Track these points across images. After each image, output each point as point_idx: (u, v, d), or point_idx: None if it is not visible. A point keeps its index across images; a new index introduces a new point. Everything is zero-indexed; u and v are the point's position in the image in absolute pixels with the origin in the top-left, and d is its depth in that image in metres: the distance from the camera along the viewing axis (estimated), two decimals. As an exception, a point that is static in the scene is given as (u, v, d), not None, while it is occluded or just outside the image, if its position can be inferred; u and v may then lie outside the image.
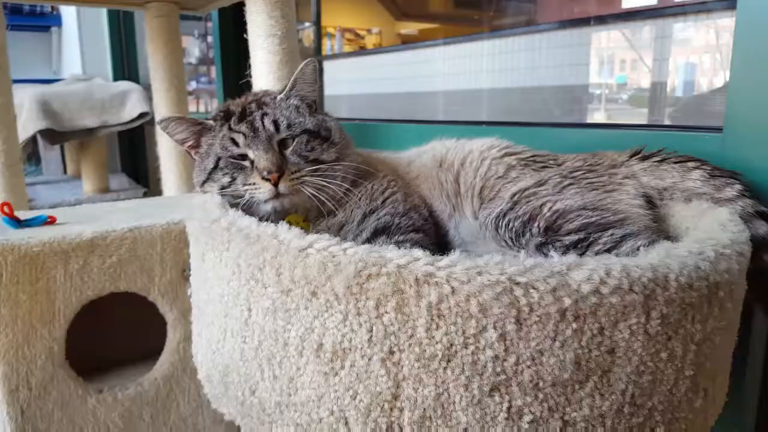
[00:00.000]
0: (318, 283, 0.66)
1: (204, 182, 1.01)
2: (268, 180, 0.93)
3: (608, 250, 0.89)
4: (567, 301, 0.61)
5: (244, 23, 2.72)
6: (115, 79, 3.63)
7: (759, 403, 1.13)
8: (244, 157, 0.97)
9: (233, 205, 0.92)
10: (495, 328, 0.61)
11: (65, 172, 3.78)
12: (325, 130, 1.01)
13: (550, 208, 0.94)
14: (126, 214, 1.43)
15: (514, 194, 0.98)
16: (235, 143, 0.97)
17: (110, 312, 1.41)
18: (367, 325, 0.64)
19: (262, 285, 0.71)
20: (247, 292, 0.73)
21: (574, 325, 0.62)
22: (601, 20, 2.23)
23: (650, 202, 1.02)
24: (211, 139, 1.01)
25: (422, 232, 0.97)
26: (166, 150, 2.36)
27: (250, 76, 1.81)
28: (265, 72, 1.72)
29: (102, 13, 3.67)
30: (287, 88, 1.03)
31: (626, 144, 1.16)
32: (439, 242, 1.02)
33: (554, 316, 0.62)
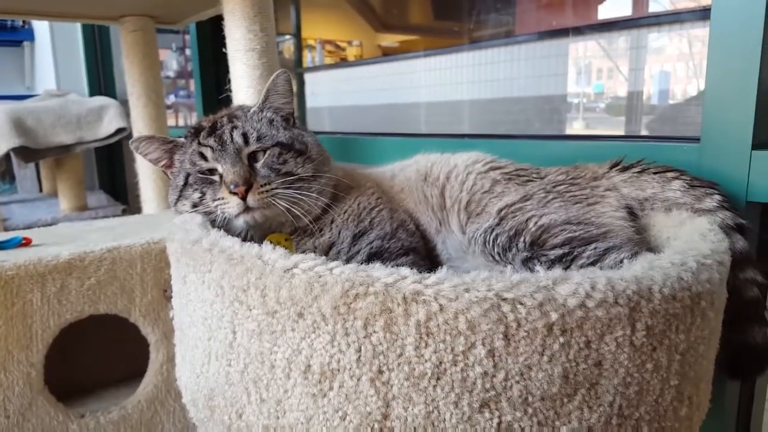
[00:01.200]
0: (304, 304, 0.65)
1: (177, 201, 1.00)
2: (235, 194, 0.91)
3: (592, 264, 0.89)
4: (554, 316, 0.61)
5: (223, 37, 2.72)
6: (91, 94, 3.58)
7: (738, 405, 1.15)
8: (213, 171, 0.96)
9: (214, 225, 0.92)
10: (483, 344, 0.61)
11: (41, 190, 3.71)
12: (300, 144, 1.00)
13: (536, 223, 0.95)
14: (104, 234, 1.41)
15: (501, 209, 0.99)
16: (204, 157, 0.96)
17: (89, 333, 1.39)
18: (356, 345, 0.64)
19: (247, 307, 0.70)
20: (231, 314, 0.72)
21: (561, 339, 0.62)
22: (579, 31, 2.26)
23: (632, 213, 1.04)
24: (182, 156, 1.00)
25: (411, 252, 0.96)
26: (145, 166, 2.33)
27: (230, 91, 1.80)
28: (244, 86, 1.71)
29: (76, 27, 3.63)
30: (260, 101, 1.03)
31: (606, 155, 1.17)
32: (427, 256, 1.02)
33: (541, 331, 0.62)
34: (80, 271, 1.22)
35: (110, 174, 3.92)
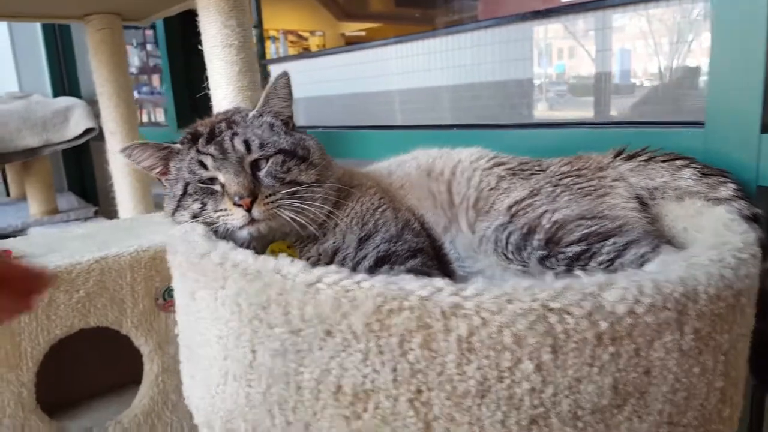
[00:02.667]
0: (333, 321, 0.61)
1: (174, 211, 0.94)
2: (240, 205, 0.86)
3: (612, 260, 0.86)
4: (603, 325, 0.58)
5: (192, 32, 2.62)
6: (55, 94, 3.45)
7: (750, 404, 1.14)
8: (213, 180, 0.90)
9: (216, 235, 0.86)
10: (531, 358, 0.57)
11: (8, 194, 3.57)
12: (303, 150, 0.95)
13: (549, 219, 0.92)
14: (85, 242, 1.34)
15: (511, 206, 0.95)
16: (204, 166, 0.90)
17: (75, 345, 1.32)
18: (391, 363, 0.59)
19: (268, 325, 0.65)
20: (251, 333, 0.67)
21: (611, 349, 0.59)
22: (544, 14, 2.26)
23: (642, 203, 1.01)
24: (178, 164, 0.94)
25: (419, 253, 0.92)
26: (120, 168, 2.25)
27: (208, 88, 1.73)
28: (223, 83, 1.65)
29: (36, 26, 3.49)
30: (259, 105, 0.97)
31: (605, 143, 1.15)
32: (435, 255, 0.98)
33: (591, 341, 0.58)
34: (68, 283, 1.15)
35: (79, 175, 3.79)
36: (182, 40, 2.59)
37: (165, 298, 1.28)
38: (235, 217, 0.86)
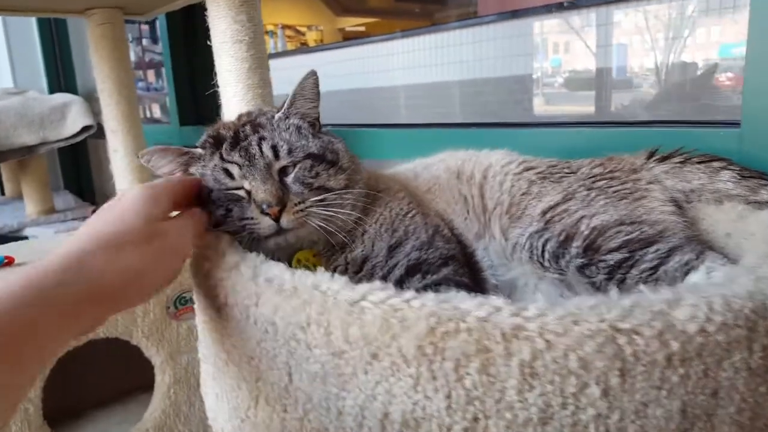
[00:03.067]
0: (380, 344, 0.56)
1: None
2: (267, 214, 0.81)
3: (655, 268, 0.83)
4: (674, 345, 0.54)
5: (194, 26, 2.57)
6: (51, 91, 3.38)
7: None
8: (239, 187, 0.85)
9: (241, 243, 0.81)
10: (597, 383, 0.53)
11: (3, 193, 3.50)
12: (332, 153, 0.90)
13: (588, 225, 0.88)
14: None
15: (545, 212, 0.91)
16: (230, 175, 0.85)
17: (81, 355, 1.27)
18: (445, 390, 0.55)
19: (306, 346, 0.61)
20: (287, 354, 0.63)
21: (681, 371, 0.55)
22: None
23: (678, 206, 0.97)
24: (201, 169, 0.88)
25: (451, 261, 0.88)
26: (122, 167, 2.19)
27: (216, 85, 1.68)
28: (232, 81, 1.59)
29: (31, 21, 3.41)
30: (285, 106, 0.91)
31: (633, 143, 1.11)
32: (466, 263, 0.93)
33: (661, 363, 0.54)
34: (75, 293, 1.10)
35: (75, 173, 3.72)
36: (184, 36, 2.53)
37: (176, 307, 1.24)
38: (262, 226, 0.81)
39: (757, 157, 1.03)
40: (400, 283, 0.84)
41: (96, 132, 2.80)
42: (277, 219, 0.80)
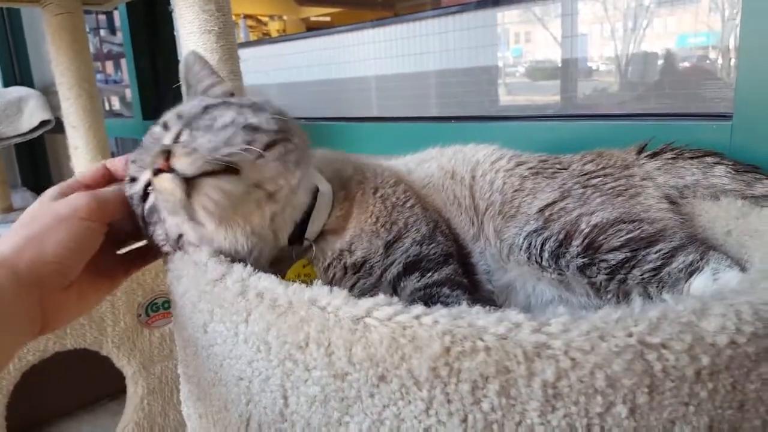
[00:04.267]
0: (388, 365, 0.52)
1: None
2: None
3: (658, 269, 0.80)
4: (705, 360, 0.50)
5: (156, 16, 2.46)
6: (6, 84, 3.22)
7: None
8: None
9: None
10: (624, 402, 0.49)
11: (-44, 192, 3.34)
12: None
13: (588, 222, 0.84)
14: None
15: (542, 209, 0.87)
16: None
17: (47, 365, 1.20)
18: (460, 413, 0.50)
19: (305, 367, 0.56)
20: (282, 376, 0.57)
21: (710, 385, 0.51)
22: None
23: (672, 203, 0.95)
24: None
25: (452, 259, 0.83)
26: (83, 165, 2.09)
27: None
28: (201, 73, 1.52)
29: (-18, 12, 3.25)
30: None
31: (622, 137, 1.08)
32: (461, 263, 0.88)
33: (690, 378, 0.50)
34: (39, 304, 1.02)
35: (33, 170, 3.58)
36: (146, 25, 2.43)
37: (148, 314, 1.17)
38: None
39: (750, 149, 1.02)
40: (396, 282, 0.79)
41: (54, 127, 2.67)
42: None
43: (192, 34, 1.49)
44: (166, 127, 0.77)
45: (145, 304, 1.15)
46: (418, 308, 0.53)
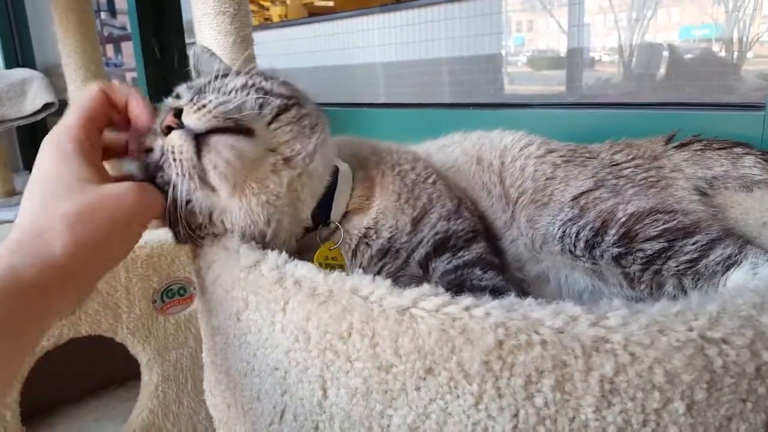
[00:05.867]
0: (437, 358, 0.50)
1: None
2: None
3: (695, 260, 0.78)
4: (766, 356, 0.48)
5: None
6: (8, 66, 3.18)
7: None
8: None
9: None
10: (683, 398, 0.48)
11: (-42, 175, 3.31)
12: None
13: (624, 211, 0.82)
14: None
15: (576, 198, 0.85)
16: None
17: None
18: (512, 408, 0.49)
19: (347, 358, 0.54)
20: (322, 366, 0.56)
21: (769, 381, 0.50)
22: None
23: (702, 194, 0.93)
24: None
25: (479, 236, 0.81)
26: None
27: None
28: (215, 56, 1.49)
29: (-17, -8, 3.20)
30: None
31: (651, 125, 1.06)
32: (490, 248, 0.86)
33: (750, 374, 0.49)
34: (55, 289, 1.00)
35: (35, 153, 3.51)
36: (152, 6, 2.39)
37: (164, 300, 1.15)
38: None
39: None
40: (425, 263, 0.77)
41: (57, 110, 2.64)
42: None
43: (206, 15, 1.46)
44: (177, 97, 0.75)
45: (161, 291, 1.14)
46: (468, 299, 0.51)
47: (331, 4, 6.38)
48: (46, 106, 2.75)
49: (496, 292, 0.69)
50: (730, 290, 0.53)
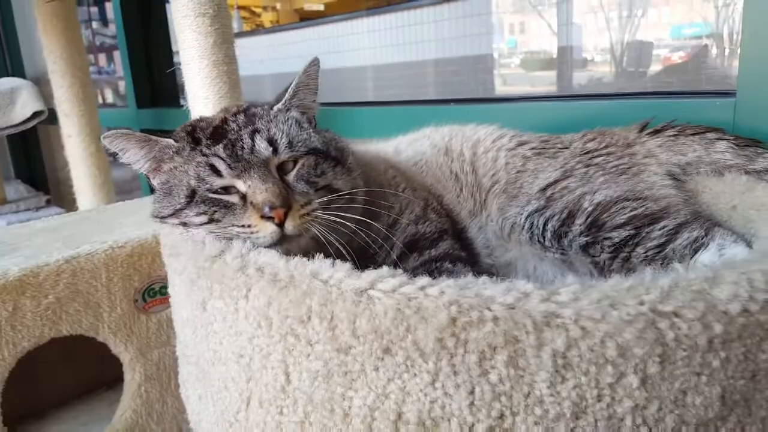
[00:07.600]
0: (393, 337, 0.50)
1: (170, 217, 0.74)
2: (270, 218, 0.67)
3: (662, 245, 0.78)
4: (717, 328, 0.49)
5: (150, 3, 2.43)
6: (-3, 75, 3.19)
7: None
8: (229, 189, 0.71)
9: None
10: (636, 372, 0.48)
11: (-51, 184, 3.31)
12: (336, 150, 0.78)
13: (591, 201, 0.83)
14: (49, 238, 1.19)
15: (544, 189, 0.86)
16: (216, 171, 0.71)
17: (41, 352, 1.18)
18: (467, 385, 0.49)
19: (307, 342, 0.54)
20: (284, 351, 0.56)
21: (722, 354, 0.50)
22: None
23: (676, 180, 0.94)
24: (181, 166, 0.74)
25: (446, 235, 0.82)
26: (77, 153, 2.07)
27: (176, 64, 1.58)
28: (195, 57, 1.49)
29: (-28, 1, 3.21)
30: (287, 97, 0.78)
31: (626, 115, 1.07)
32: (458, 238, 0.87)
33: (702, 347, 0.49)
34: (35, 288, 1.01)
35: (26, 161, 3.54)
36: (139, 13, 2.40)
37: (145, 299, 1.15)
38: (261, 234, 0.68)
39: (753, 126, 1.00)
40: (397, 263, 0.77)
41: (47, 118, 2.64)
42: (281, 224, 0.67)
43: (186, 17, 1.46)
44: (275, 147, 0.73)
45: (142, 290, 1.14)
46: (424, 279, 0.51)
47: (321, 8, 6.40)
48: (36, 114, 2.75)
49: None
50: (685, 266, 0.54)
